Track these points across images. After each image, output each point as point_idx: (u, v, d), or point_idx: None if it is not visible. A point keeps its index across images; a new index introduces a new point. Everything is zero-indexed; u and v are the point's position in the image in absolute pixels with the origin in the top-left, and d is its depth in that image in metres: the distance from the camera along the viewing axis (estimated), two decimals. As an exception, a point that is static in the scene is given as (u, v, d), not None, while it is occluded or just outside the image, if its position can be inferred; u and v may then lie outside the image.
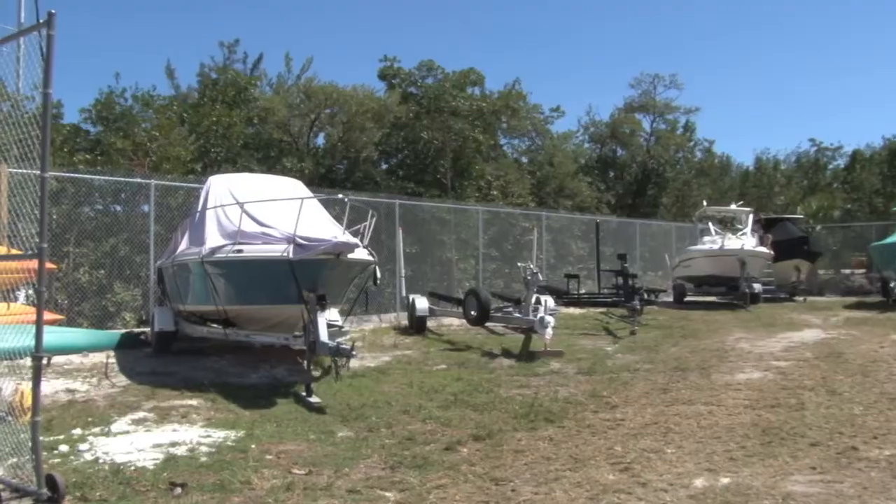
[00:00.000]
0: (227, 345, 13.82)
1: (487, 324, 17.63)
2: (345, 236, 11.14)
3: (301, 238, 10.79)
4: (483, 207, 26.70)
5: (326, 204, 14.04)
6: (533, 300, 16.53)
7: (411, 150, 32.59)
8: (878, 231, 34.22)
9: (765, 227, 30.48)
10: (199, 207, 13.61)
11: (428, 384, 11.38)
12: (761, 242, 27.47)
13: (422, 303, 18.16)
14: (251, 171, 21.96)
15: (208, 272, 12.03)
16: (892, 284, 24.13)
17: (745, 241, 26.77)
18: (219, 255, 11.78)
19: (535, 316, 15.00)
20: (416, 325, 17.89)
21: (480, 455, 7.62)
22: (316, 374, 11.84)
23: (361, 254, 11.95)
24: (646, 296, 20.89)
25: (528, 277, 16.34)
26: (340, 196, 13.24)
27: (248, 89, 30.36)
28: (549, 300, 18.07)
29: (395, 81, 34.09)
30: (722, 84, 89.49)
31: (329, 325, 11.44)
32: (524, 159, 40.47)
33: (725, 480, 6.81)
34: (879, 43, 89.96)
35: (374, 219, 13.16)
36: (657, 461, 7.43)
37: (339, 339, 11.70)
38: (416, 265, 22.78)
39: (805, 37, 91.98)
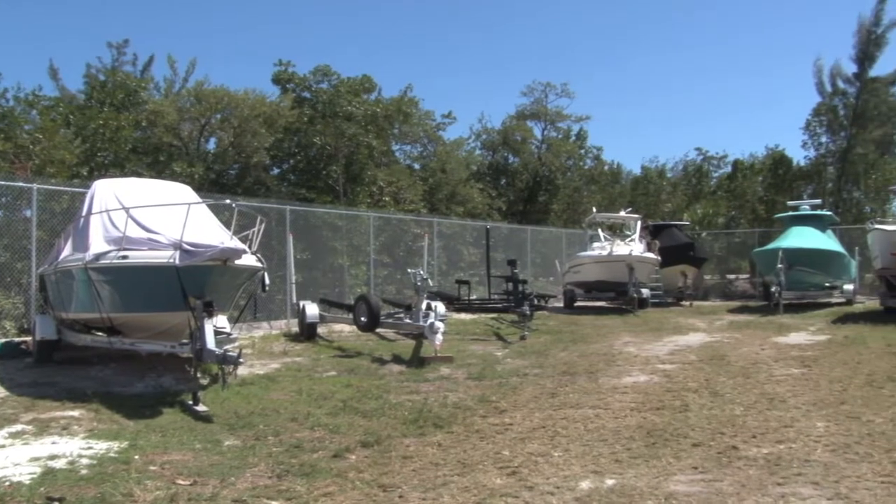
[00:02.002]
0: (113, 353, 13.49)
1: (378, 330, 17.59)
2: (232, 242, 11.00)
3: (188, 244, 10.60)
4: (375, 213, 26.66)
5: (216, 210, 13.83)
6: (423, 306, 16.57)
7: (303, 156, 32.30)
8: (760, 237, 35.36)
9: (652, 233, 31.20)
10: (84, 212, 13.26)
11: (317, 391, 11.31)
12: (649, 248, 28.10)
13: (312, 309, 18.04)
14: (139, 175, 21.46)
15: (92, 279, 11.71)
16: (773, 289, 24.91)
17: (634, 247, 27.34)
18: (103, 262, 11.48)
19: (426, 322, 15.02)
20: (307, 332, 17.76)
21: (369, 462, 7.61)
22: (204, 382, 11.67)
23: (250, 260, 11.82)
24: (536, 301, 21.10)
25: (418, 283, 16.39)
26: (228, 201, 13.06)
27: (137, 92, 29.65)
28: (439, 306, 18.16)
29: (290, 86, 33.77)
30: (612, 93, 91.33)
31: (217, 333, 11.27)
32: (416, 165, 40.53)
33: (610, 482, 6.94)
34: (764, 55, 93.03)
35: (263, 224, 13.04)
36: (544, 464, 7.52)
37: (227, 347, 11.53)
38: (307, 271, 22.62)
39: (693, 49, 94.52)
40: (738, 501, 6.42)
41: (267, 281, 13.68)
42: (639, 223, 30.07)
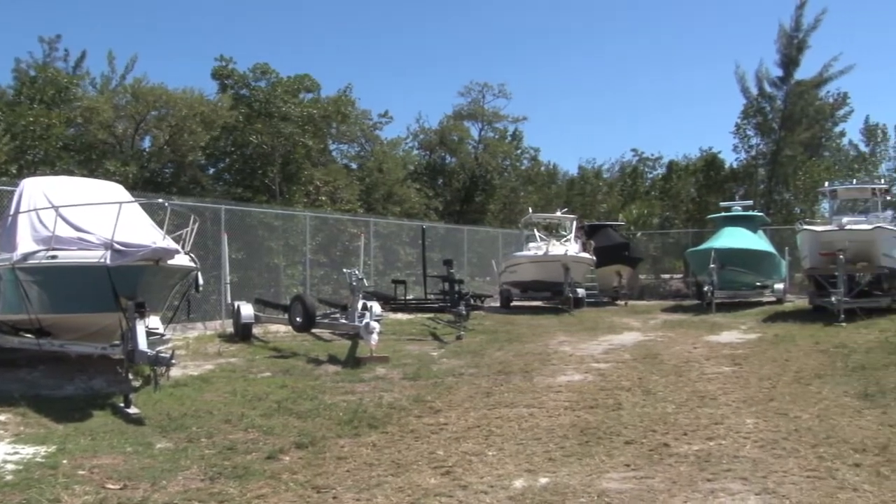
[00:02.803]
0: (42, 355, 13.14)
1: (314, 330, 17.49)
2: (165, 242, 10.87)
3: (119, 243, 10.43)
4: (311, 213, 26.52)
5: (149, 209, 13.63)
6: (359, 306, 16.51)
7: (240, 155, 31.98)
8: (693, 237, 35.83)
9: (587, 233, 31.46)
10: (11, 211, 12.93)
11: (251, 392, 11.22)
12: (584, 248, 28.30)
13: (247, 309, 17.86)
14: (71, 174, 21.03)
15: (20, 279, 11.46)
16: (706, 288, 25.26)
17: (569, 247, 27.52)
18: (31, 262, 11.24)
19: (361, 322, 14.97)
20: (242, 333, 17.57)
21: (303, 463, 7.59)
22: (136, 384, 11.47)
23: (183, 260, 11.68)
24: (472, 301, 21.14)
25: (354, 283, 16.33)
26: (160, 200, 12.89)
27: (69, 88, 29.08)
28: (375, 306, 18.08)
29: (229, 82, 33.38)
30: (549, 94, 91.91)
31: (149, 334, 11.12)
32: (353, 165, 40.40)
33: (544, 480, 7.00)
34: (696, 56, 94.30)
35: (197, 224, 12.90)
36: (478, 464, 7.57)
37: (160, 348, 11.40)
38: (242, 271, 22.42)
39: (628, 49, 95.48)
40: (669, 498, 6.52)
41: (201, 281, 13.53)
42: (574, 223, 30.30)
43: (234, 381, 12.21)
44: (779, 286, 28.33)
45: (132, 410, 9.50)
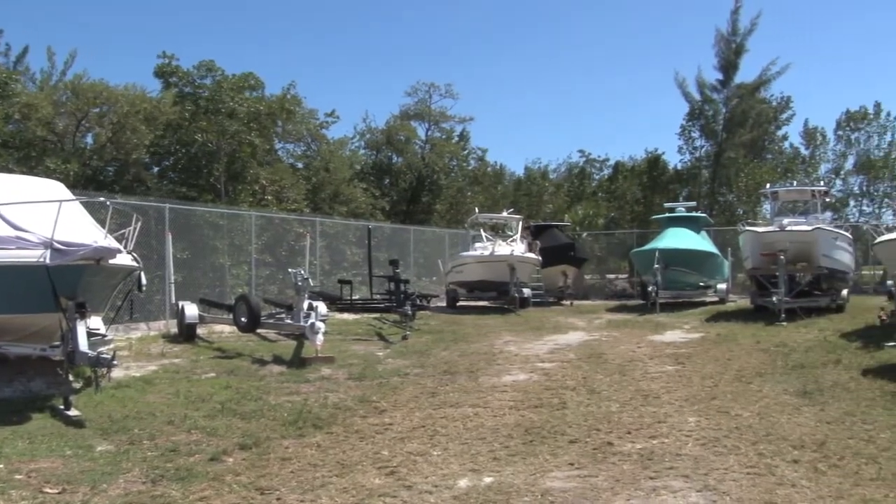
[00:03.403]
0: (-22, 357, 12.96)
1: (260, 330, 17.36)
2: (107, 241, 10.70)
3: (59, 243, 10.25)
4: (257, 213, 26.30)
5: (91, 208, 13.42)
6: (305, 306, 16.42)
7: (185, 153, 31.61)
8: (638, 238, 36.15)
9: (534, 233, 31.60)
10: (-53, 210, 12.67)
11: (195, 393, 11.11)
12: (530, 248, 28.42)
13: (191, 310, 17.64)
14: (9, 171, 20.65)
15: (-44, 279, 11.22)
16: (650, 288, 25.52)
17: (515, 247, 27.62)
18: (-32, 261, 11.01)
19: (307, 322, 14.88)
20: (186, 333, 17.37)
21: (246, 464, 7.54)
22: (76, 385, 11.31)
23: (125, 259, 11.53)
24: (418, 301, 21.12)
25: (299, 283, 16.25)
26: (102, 199, 12.69)
27: (8, 84, 28.54)
28: (321, 306, 17.99)
29: (173, 80, 32.96)
30: (496, 94, 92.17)
31: (90, 334, 10.94)
32: (299, 164, 40.12)
33: (488, 480, 7.03)
34: (647, 56, 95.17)
35: (140, 223, 12.73)
36: (423, 464, 7.58)
37: (101, 349, 11.21)
38: (187, 271, 22.16)
39: (576, 53, 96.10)
40: (612, 496, 6.58)
41: (143, 281, 13.35)
42: (520, 224, 30.43)
43: (178, 382, 12.07)
44: (721, 286, 28.70)
45: (72, 413, 9.34)
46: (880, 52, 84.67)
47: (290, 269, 17.76)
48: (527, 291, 27.57)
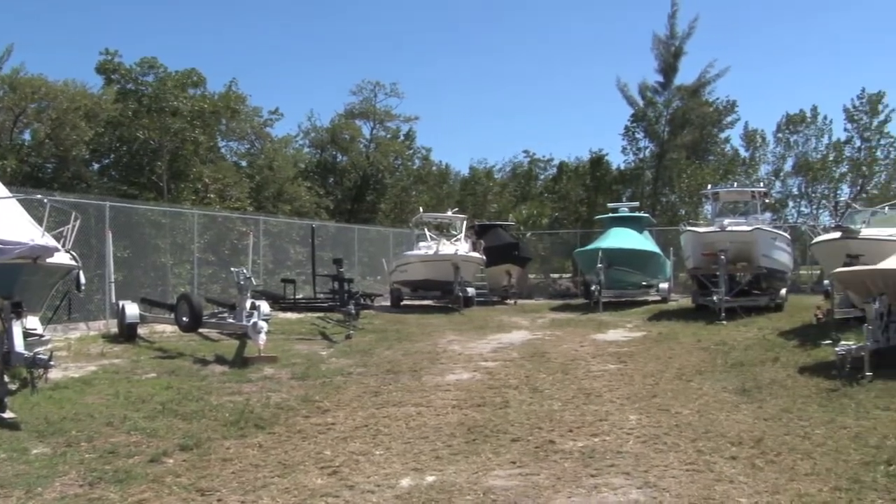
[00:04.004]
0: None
1: (202, 330, 17.19)
2: (44, 239, 10.49)
3: (-6, 241, 10.04)
4: (199, 211, 26.06)
5: (28, 205, 13.16)
6: (247, 305, 16.29)
7: (126, 151, 31.23)
8: (581, 238, 36.42)
9: (478, 233, 31.68)
10: None
11: (135, 394, 10.94)
12: (474, 248, 28.48)
13: (132, 309, 17.41)
14: (-57, 168, 20.27)
15: None
16: (593, 287, 25.71)
17: (459, 246, 27.66)
18: None
19: (250, 321, 14.77)
20: (126, 333, 17.13)
21: (187, 465, 7.46)
22: (12, 387, 11.05)
23: (63, 258, 11.33)
24: (362, 300, 21.06)
25: (241, 282, 16.11)
26: (39, 196, 12.49)
27: (-57, 79, 28.00)
28: (263, 305, 17.87)
29: (115, 77, 32.50)
30: (442, 94, 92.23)
31: (27, 335, 10.74)
32: (243, 163, 39.83)
33: (431, 479, 7.04)
34: (592, 57, 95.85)
35: (79, 221, 12.53)
36: (366, 463, 7.57)
37: (38, 349, 11.00)
38: (128, 270, 21.91)
39: (521, 53, 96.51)
40: (554, 494, 6.62)
41: (82, 280, 13.13)
42: (464, 223, 30.49)
43: (118, 383, 11.89)
44: (664, 285, 29.02)
45: (7, 415, 9.14)
46: (818, 56, 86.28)
47: (232, 268, 17.61)
48: (471, 290, 27.62)
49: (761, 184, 38.18)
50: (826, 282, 17.23)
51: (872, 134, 45.56)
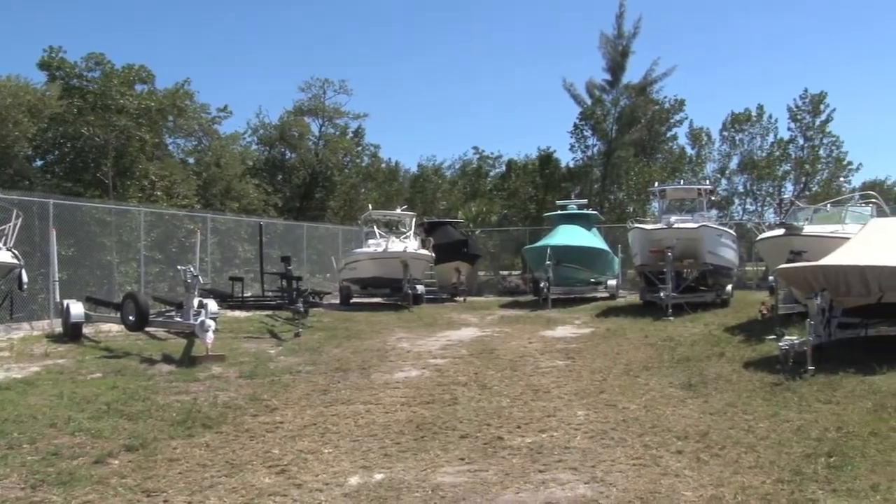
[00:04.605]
0: None
1: (149, 329, 17.01)
2: (-16, 238, 10.37)
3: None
4: (146, 209, 25.75)
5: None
6: (195, 304, 16.15)
7: (71, 147, 30.73)
8: (530, 235, 36.60)
9: (427, 230, 31.69)
10: None
11: (80, 394, 10.77)
12: (423, 245, 28.48)
13: (77, 308, 17.16)
14: None
15: None
16: (542, 284, 25.87)
17: (409, 244, 27.66)
18: None
19: (197, 320, 14.64)
20: (71, 332, 16.88)
21: (132, 466, 7.38)
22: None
23: (5, 256, 11.19)
24: (311, 298, 20.96)
25: (189, 280, 15.97)
26: (-22, 194, 12.29)
27: None
28: (211, 303, 17.73)
29: (59, 73, 31.94)
30: (392, 92, 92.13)
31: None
32: (190, 160, 39.38)
33: (379, 476, 7.04)
34: (540, 56, 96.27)
35: (21, 219, 12.37)
36: (314, 462, 7.55)
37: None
38: (72, 269, 21.59)
39: (469, 50, 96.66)
40: (502, 490, 6.66)
41: (25, 279, 12.99)
42: (414, 220, 30.51)
43: (62, 384, 11.70)
44: (612, 282, 29.33)
45: (-53, 416, 9.01)
46: (763, 55, 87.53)
47: (179, 267, 17.43)
48: (420, 288, 27.66)
49: (707, 181, 38.60)
50: (771, 278, 17.51)
51: (815, 133, 46.38)
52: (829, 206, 21.55)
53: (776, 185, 46.86)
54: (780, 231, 17.01)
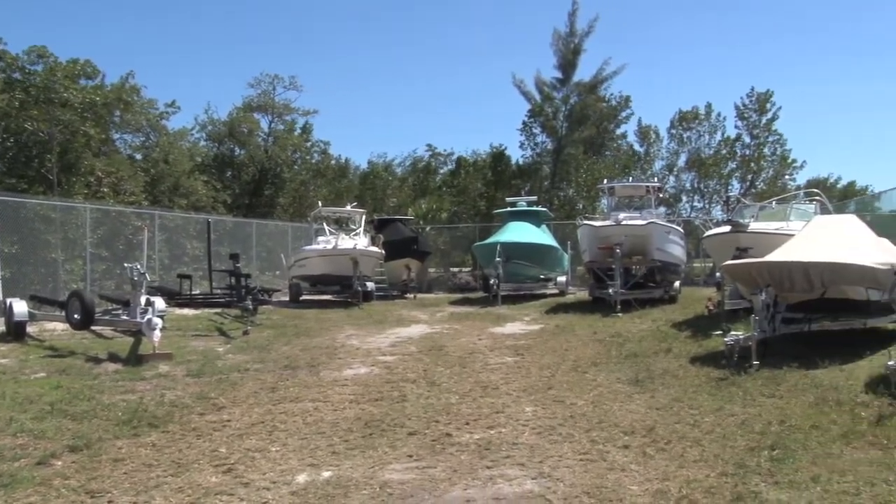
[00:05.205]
0: None
1: (95, 327, 16.79)
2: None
3: None
4: (92, 205, 25.40)
5: None
6: (142, 302, 15.97)
7: (14, 143, 30.23)
8: (480, 232, 36.68)
9: (377, 227, 31.61)
10: None
11: (23, 394, 10.57)
12: (373, 242, 28.41)
13: (20, 307, 16.85)
14: None
15: None
16: (492, 281, 25.93)
17: (358, 241, 27.55)
18: None
19: (144, 318, 14.49)
20: (14, 332, 16.57)
21: (76, 467, 7.29)
22: None
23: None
24: (260, 295, 20.82)
25: (136, 278, 15.79)
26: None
27: None
28: (159, 301, 17.54)
29: (0, 65, 31.40)
30: (342, 88, 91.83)
31: None
32: (138, 156, 38.95)
33: (327, 474, 7.04)
34: (492, 53, 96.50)
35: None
36: (262, 460, 7.52)
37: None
38: (16, 266, 21.24)
39: (426, 48, 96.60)
40: (450, 486, 6.69)
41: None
42: (363, 217, 30.44)
43: (4, 384, 11.48)
44: (561, 279, 29.46)
45: None
46: (710, 54, 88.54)
47: (126, 264, 17.21)
48: (370, 285, 27.64)
49: (656, 179, 39.03)
50: (717, 274, 17.73)
51: (761, 131, 47.14)
52: (774, 203, 21.90)
53: (723, 183, 47.60)
54: (727, 228, 17.24)
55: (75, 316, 15.98)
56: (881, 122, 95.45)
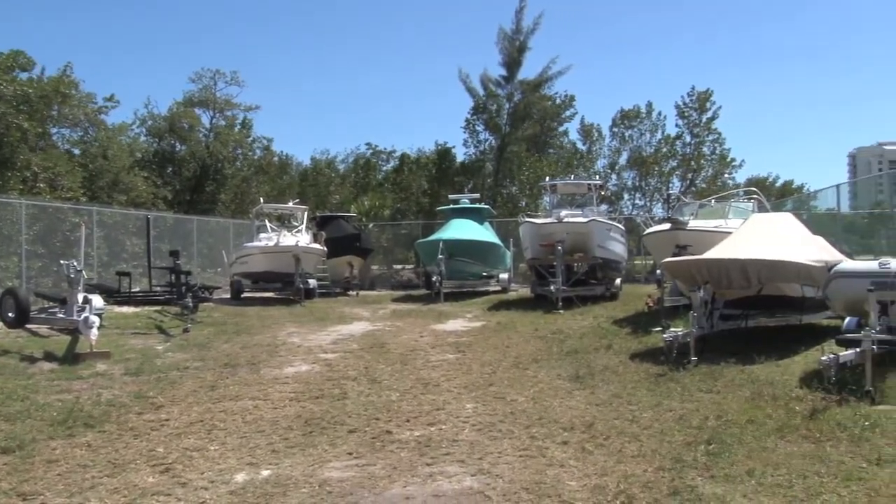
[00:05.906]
0: None
1: (30, 326, 16.52)
2: None
3: None
4: (27, 201, 24.94)
5: None
6: (79, 299, 15.73)
7: (-55, 137, 29.62)
8: (424, 229, 36.68)
9: (319, 224, 31.46)
10: None
11: (-47, 395, 10.41)
12: (315, 239, 28.27)
13: (-48, 305, 16.58)
14: None
15: None
16: (434, 278, 25.96)
17: (300, 237, 27.40)
18: None
19: (81, 316, 14.27)
20: (-54, 330, 16.32)
21: (8, 469, 7.19)
22: None
23: None
24: (200, 293, 20.60)
25: (72, 275, 15.55)
26: None
27: None
28: (96, 299, 17.27)
29: (-72, 57, 30.71)
30: (284, 84, 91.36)
31: None
32: (76, 151, 38.30)
33: (266, 473, 7.01)
34: (436, 50, 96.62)
35: None
36: (200, 459, 7.46)
37: None
38: (-51, 264, 20.82)
39: (370, 46, 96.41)
40: (390, 483, 6.70)
41: None
42: (306, 214, 30.29)
43: (-66, 384, 11.28)
44: (504, 276, 29.60)
45: None
46: (652, 54, 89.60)
47: (62, 261, 16.94)
48: (312, 282, 27.48)
49: (597, 177, 39.36)
50: (658, 271, 17.95)
51: (701, 130, 47.79)
52: (713, 201, 22.20)
53: (664, 181, 48.14)
54: (667, 226, 17.45)
55: (10, 314, 15.78)
56: (818, 122, 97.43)
